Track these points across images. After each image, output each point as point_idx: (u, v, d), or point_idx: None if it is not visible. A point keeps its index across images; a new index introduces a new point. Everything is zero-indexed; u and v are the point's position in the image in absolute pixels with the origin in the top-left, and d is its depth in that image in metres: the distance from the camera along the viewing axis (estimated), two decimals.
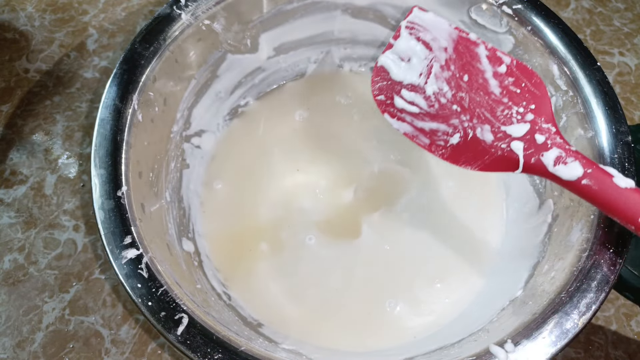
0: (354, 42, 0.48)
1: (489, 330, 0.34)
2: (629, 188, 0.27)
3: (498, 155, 0.31)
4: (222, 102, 0.45)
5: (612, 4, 0.56)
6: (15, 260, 0.43)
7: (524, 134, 0.31)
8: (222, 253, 0.41)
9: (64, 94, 0.50)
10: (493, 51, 0.33)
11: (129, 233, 0.31)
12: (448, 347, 0.35)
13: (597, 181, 0.28)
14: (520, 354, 0.30)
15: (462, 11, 0.42)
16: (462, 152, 0.33)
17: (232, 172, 0.45)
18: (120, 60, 0.36)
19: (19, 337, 0.40)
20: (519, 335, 0.30)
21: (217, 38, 0.41)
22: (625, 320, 0.42)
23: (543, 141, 0.30)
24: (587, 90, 0.37)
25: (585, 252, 0.32)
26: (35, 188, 0.46)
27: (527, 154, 0.30)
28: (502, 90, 0.32)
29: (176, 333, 0.29)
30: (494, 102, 0.32)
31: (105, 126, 0.34)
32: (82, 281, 0.42)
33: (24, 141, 0.48)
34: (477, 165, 0.32)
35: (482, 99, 0.32)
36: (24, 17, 0.54)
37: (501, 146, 0.31)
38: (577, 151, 0.30)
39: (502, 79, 0.32)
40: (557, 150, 0.29)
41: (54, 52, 0.52)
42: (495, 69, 0.33)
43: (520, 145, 0.31)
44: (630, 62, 0.53)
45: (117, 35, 0.53)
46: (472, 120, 0.32)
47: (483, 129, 0.32)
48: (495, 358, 0.29)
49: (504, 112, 0.32)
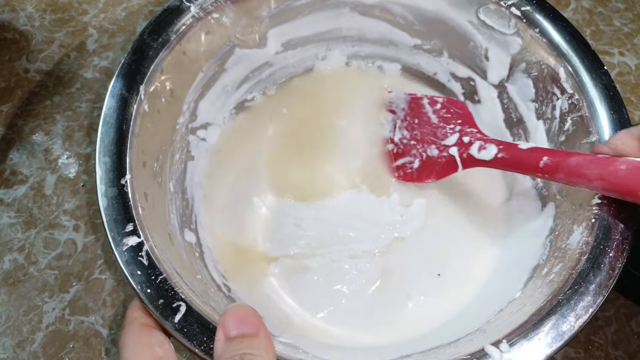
0: (361, 39, 0.48)
1: (485, 330, 0.34)
2: (529, 148, 0.35)
3: (444, 162, 0.41)
4: (228, 95, 0.45)
5: (612, 4, 0.56)
6: (15, 260, 0.43)
7: (456, 141, 0.41)
8: (224, 247, 0.42)
9: (64, 94, 0.50)
10: (431, 98, 0.45)
11: (130, 221, 0.32)
12: (444, 346, 0.35)
13: (507, 151, 0.37)
14: (515, 354, 0.30)
15: (470, 12, 0.42)
16: (422, 171, 0.43)
17: (237, 165, 0.45)
18: (128, 50, 0.37)
19: (19, 337, 0.40)
20: (514, 335, 0.30)
21: (225, 32, 0.42)
22: (625, 320, 0.42)
23: (468, 140, 0.40)
24: (592, 94, 0.37)
25: (585, 255, 0.32)
26: (35, 188, 0.46)
27: (460, 153, 0.40)
28: (439, 119, 0.43)
29: (173, 321, 0.29)
30: (435, 128, 0.43)
31: (112, 115, 0.35)
32: (82, 281, 0.42)
33: (24, 141, 0.48)
34: (433, 176, 0.42)
35: (427, 130, 0.43)
36: (24, 17, 0.54)
37: (444, 155, 0.41)
38: (494, 139, 0.39)
39: (438, 112, 0.44)
40: (478, 142, 0.39)
41: (54, 52, 0.52)
42: (434, 107, 0.44)
43: (454, 149, 0.40)
44: (630, 62, 0.53)
45: (117, 35, 0.53)
46: (424, 146, 0.43)
47: (431, 149, 0.42)
48: (490, 358, 0.29)
49: (442, 132, 0.42)
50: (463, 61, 0.46)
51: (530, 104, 0.42)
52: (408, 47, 0.47)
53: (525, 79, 0.42)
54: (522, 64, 0.41)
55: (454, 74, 0.47)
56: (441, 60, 0.47)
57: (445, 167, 0.41)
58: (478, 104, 0.47)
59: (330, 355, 0.34)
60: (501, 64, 0.43)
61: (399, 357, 0.36)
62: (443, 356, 0.32)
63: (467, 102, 0.47)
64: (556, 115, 0.40)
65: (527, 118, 0.43)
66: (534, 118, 0.42)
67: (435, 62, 0.47)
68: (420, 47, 0.47)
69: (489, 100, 0.46)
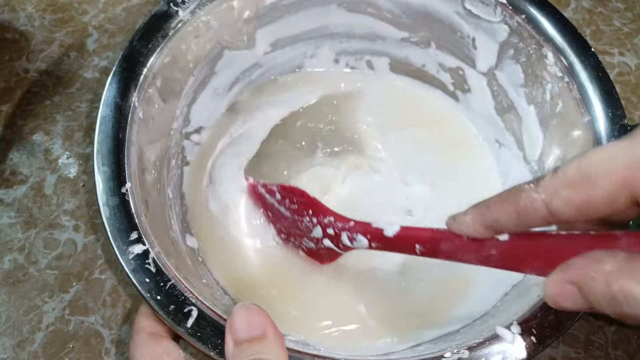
0: (349, 35, 0.48)
1: (493, 314, 0.35)
2: (395, 233, 0.32)
3: (327, 252, 0.38)
4: (220, 98, 0.45)
5: (612, 4, 0.57)
6: (15, 260, 0.43)
7: (322, 234, 0.37)
8: (219, 255, 0.41)
9: (64, 94, 0.50)
10: (265, 186, 0.41)
11: (135, 229, 0.31)
12: (454, 333, 0.35)
13: (378, 239, 0.33)
14: (527, 335, 0.30)
15: (456, 1, 0.43)
16: (316, 257, 0.40)
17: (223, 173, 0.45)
18: (119, 58, 0.37)
19: (19, 337, 0.40)
20: (524, 317, 0.31)
21: (214, 34, 0.42)
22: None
23: (333, 232, 0.36)
24: (582, 76, 0.38)
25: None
26: (35, 188, 0.46)
27: (335, 244, 0.37)
28: (290, 212, 0.39)
29: (186, 326, 0.29)
30: (294, 222, 0.39)
31: (107, 124, 0.34)
32: (82, 281, 0.42)
33: (24, 141, 0.47)
34: (326, 261, 0.39)
35: (289, 223, 0.40)
36: (24, 17, 0.54)
37: (321, 246, 0.38)
38: (356, 224, 0.35)
39: (283, 204, 0.39)
40: (344, 233, 0.36)
41: (54, 52, 0.52)
42: (276, 198, 0.40)
43: (327, 241, 0.37)
44: (630, 62, 0.54)
45: (117, 35, 0.53)
46: (297, 239, 0.40)
47: (306, 241, 0.39)
48: (503, 340, 0.30)
49: (304, 225, 0.38)
50: (451, 51, 0.46)
51: (520, 90, 0.43)
52: (396, 41, 0.48)
53: (514, 65, 0.42)
54: (510, 50, 0.42)
55: (443, 65, 0.47)
56: (429, 51, 0.47)
57: (330, 254, 0.38)
58: (468, 93, 0.47)
59: (341, 350, 0.35)
60: (489, 51, 0.43)
61: (409, 346, 0.36)
62: (454, 342, 0.33)
63: (457, 91, 0.48)
64: (547, 99, 0.40)
65: (518, 104, 0.43)
66: (524, 103, 0.43)
67: (423, 54, 0.48)
68: (407, 40, 0.47)
69: (478, 88, 0.46)
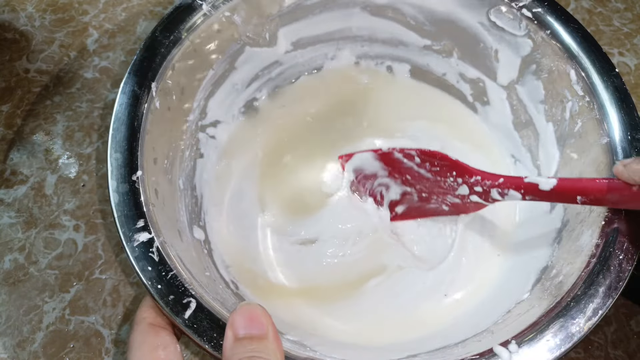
0: (371, 39, 0.48)
1: (493, 331, 0.34)
2: (551, 187, 0.34)
3: (473, 205, 0.40)
4: (238, 94, 0.46)
5: (612, 4, 0.56)
6: (15, 260, 0.43)
7: (469, 191, 0.39)
8: (232, 248, 0.42)
9: (64, 94, 0.50)
10: (402, 151, 0.41)
11: (142, 217, 0.32)
12: (452, 346, 0.35)
13: (528, 190, 0.35)
14: (524, 355, 0.30)
15: (481, 12, 0.42)
16: (463, 209, 0.41)
17: (245, 164, 0.45)
18: (140, 47, 0.37)
19: (19, 337, 0.40)
20: (523, 336, 0.30)
21: (236, 30, 0.42)
22: (625, 320, 0.42)
23: (481, 190, 0.38)
24: (603, 96, 0.37)
25: (595, 257, 0.32)
26: (35, 188, 0.46)
27: (483, 199, 0.39)
28: (432, 174, 0.40)
29: (184, 316, 0.29)
30: (435, 182, 0.40)
31: (124, 111, 0.35)
32: (82, 281, 0.42)
33: (24, 141, 0.48)
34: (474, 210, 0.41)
35: (430, 184, 0.41)
36: (24, 17, 0.54)
37: (467, 202, 0.40)
38: (505, 179, 0.37)
39: (424, 167, 0.40)
40: (494, 190, 0.37)
41: (54, 52, 0.52)
42: (415, 162, 0.41)
43: (475, 197, 0.39)
44: (630, 62, 0.53)
45: (117, 36, 0.53)
46: (439, 197, 0.41)
47: (450, 198, 0.40)
48: (499, 358, 0.30)
49: (447, 184, 0.40)
50: (473, 62, 0.46)
51: (540, 106, 0.42)
52: (418, 48, 0.47)
53: (535, 80, 0.42)
54: (533, 65, 0.41)
55: (464, 75, 0.47)
56: (451, 61, 0.47)
57: (477, 206, 0.40)
58: (487, 105, 0.47)
59: (337, 354, 0.35)
60: (511, 65, 0.43)
61: (405, 356, 0.36)
62: (450, 356, 0.32)
63: (477, 103, 0.47)
64: (566, 117, 0.40)
65: (537, 120, 0.43)
66: (543, 120, 0.42)
67: (444, 63, 0.47)
68: (430, 48, 0.47)
69: (498, 101, 0.46)
